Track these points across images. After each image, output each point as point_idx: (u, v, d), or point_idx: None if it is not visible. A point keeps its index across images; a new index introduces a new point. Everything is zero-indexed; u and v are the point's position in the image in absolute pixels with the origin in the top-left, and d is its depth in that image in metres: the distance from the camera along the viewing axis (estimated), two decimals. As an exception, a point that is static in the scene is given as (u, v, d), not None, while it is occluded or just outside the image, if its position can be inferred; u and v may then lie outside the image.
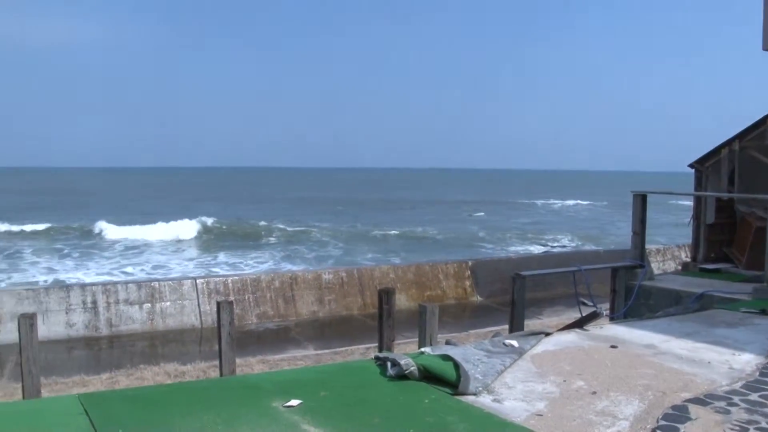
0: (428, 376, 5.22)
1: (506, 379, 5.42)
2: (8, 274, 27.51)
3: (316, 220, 51.37)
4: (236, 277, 17.53)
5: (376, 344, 12.71)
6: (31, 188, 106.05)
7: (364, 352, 13.30)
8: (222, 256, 33.23)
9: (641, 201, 10.95)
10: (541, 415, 4.61)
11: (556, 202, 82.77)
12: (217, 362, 12.48)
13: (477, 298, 19.42)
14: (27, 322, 7.94)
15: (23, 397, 8.28)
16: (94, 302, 15.69)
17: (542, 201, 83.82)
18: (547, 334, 6.91)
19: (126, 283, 16.93)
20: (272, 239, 40.04)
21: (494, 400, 4.89)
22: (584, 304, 10.27)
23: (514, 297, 9.27)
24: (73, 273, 27.79)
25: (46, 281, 25.14)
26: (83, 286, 16.36)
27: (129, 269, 28.88)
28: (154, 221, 44.00)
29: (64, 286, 16.56)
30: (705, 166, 13.42)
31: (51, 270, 28.70)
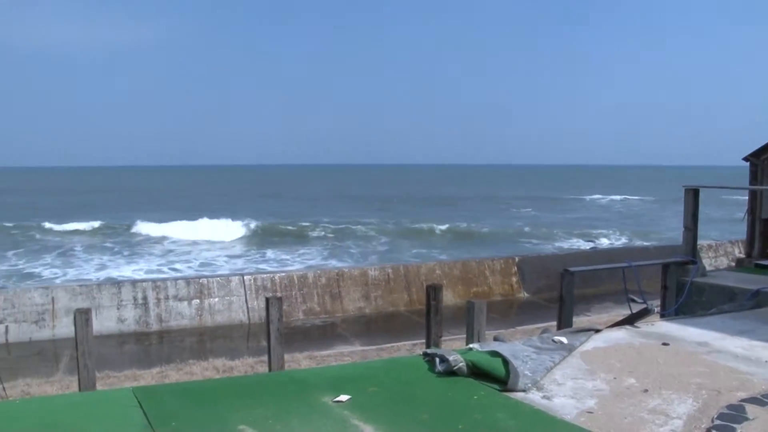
0: (477, 372, 5.19)
1: (555, 375, 5.37)
2: (63, 270, 28.25)
3: (362, 216, 51.52)
4: (283, 274, 17.68)
5: (423, 340, 12.70)
6: (89, 188, 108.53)
7: (410, 348, 13.29)
8: (269, 253, 33.56)
9: (693, 195, 10.70)
10: (592, 413, 4.55)
11: (603, 197, 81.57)
12: (264, 358, 12.63)
13: (524, 295, 19.27)
14: (83, 317, 8.12)
15: (79, 390, 8.48)
16: (145, 298, 15.99)
17: (589, 197, 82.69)
18: (597, 331, 6.82)
19: (175, 279, 17.21)
20: (318, 236, 40.24)
21: (544, 397, 4.84)
22: (634, 300, 10.10)
23: (562, 293, 9.16)
24: (123, 270, 28.37)
25: (98, 278, 25.72)
26: (134, 282, 16.67)
27: (177, 266, 29.34)
28: (202, 218, 44.66)
29: (115, 283, 16.90)
30: (761, 159, 13.06)
31: (102, 267, 29.36)
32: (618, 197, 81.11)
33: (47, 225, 43.61)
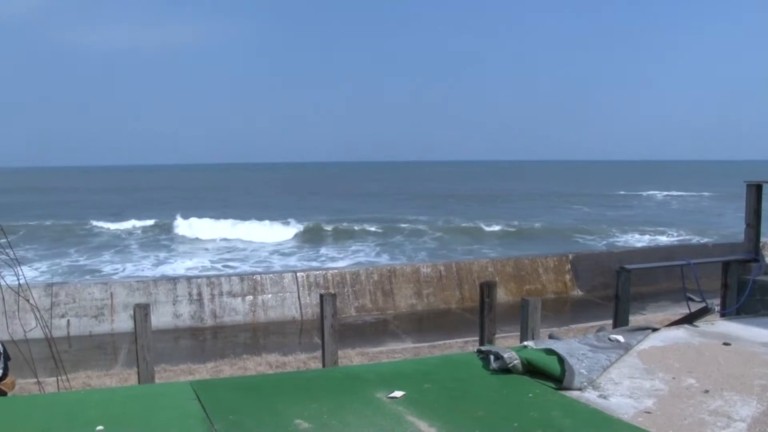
0: (531, 370, 5.14)
1: (612, 374, 5.28)
2: (122, 265, 28.99)
3: (414, 213, 51.52)
4: (335, 271, 17.79)
5: (475, 338, 12.64)
6: (148, 185, 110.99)
7: (462, 345, 13.25)
8: (322, 250, 33.83)
9: (756, 191, 10.41)
10: (650, 413, 4.47)
11: (659, 193, 79.89)
12: (316, 354, 12.74)
13: (577, 293, 19.02)
14: (142, 311, 8.30)
15: (138, 382, 8.68)
16: (199, 294, 16.26)
17: (645, 192, 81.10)
18: (654, 330, 6.68)
19: (229, 276, 17.47)
20: (371, 233, 40.39)
21: (600, 396, 4.77)
22: (692, 299, 9.87)
23: (618, 291, 9.03)
24: (177, 266, 28.94)
25: (154, 274, 26.29)
26: (189, 278, 16.96)
27: (232, 264, 29.77)
28: (256, 215, 45.24)
29: (171, 279, 17.23)
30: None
31: (158, 263, 30.01)
32: (675, 193, 79.38)
33: (105, 222, 44.76)
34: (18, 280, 6.87)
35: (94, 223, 44.70)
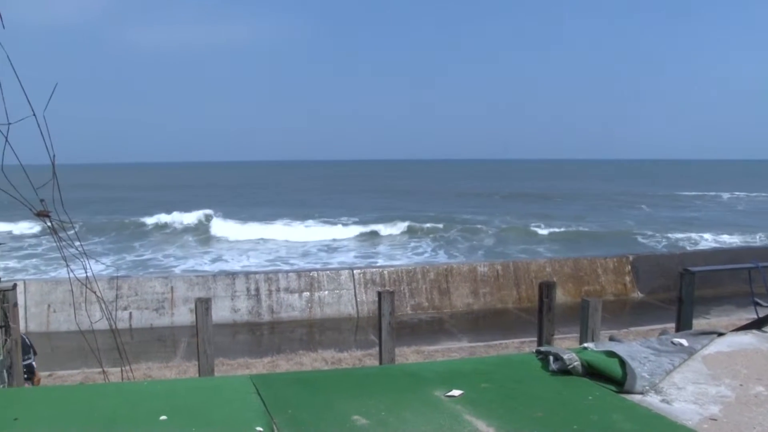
0: (592, 372, 5.05)
1: (675, 379, 5.14)
2: (184, 261, 29.61)
3: (472, 212, 51.23)
4: (392, 269, 17.84)
5: (532, 338, 12.52)
6: (208, 182, 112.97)
7: (518, 346, 13.14)
8: (381, 248, 33.92)
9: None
10: (716, 420, 4.33)
11: (724, 194, 77.63)
12: (372, 351, 12.80)
13: (638, 295, 18.66)
14: (203, 305, 8.46)
15: (199, 375, 8.85)
16: (257, 290, 16.50)
17: (711, 193, 78.93)
18: (720, 334, 6.49)
19: (286, 272, 17.69)
20: (427, 231, 40.33)
21: (662, 401, 4.65)
22: (759, 304, 9.57)
23: (681, 294, 8.81)
24: (234, 263, 29.40)
25: (213, 269, 26.77)
26: (247, 274, 17.22)
27: (292, 261, 30.10)
28: (318, 212, 45.67)
29: (230, 274, 17.52)
30: None
31: (217, 259, 30.53)
32: (742, 194, 77.05)
33: (167, 217, 45.75)
34: (85, 272, 7.07)
35: (158, 218, 45.76)
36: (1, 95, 6.18)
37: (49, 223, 6.71)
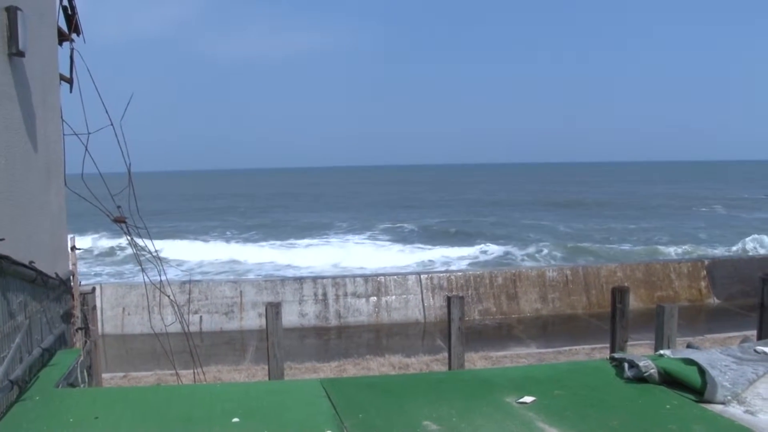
0: (669, 380, 4.89)
1: (759, 389, 4.93)
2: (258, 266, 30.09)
3: (535, 218, 50.65)
4: (459, 273, 17.73)
5: (603, 345, 12.25)
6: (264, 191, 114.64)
7: (589, 352, 12.87)
8: (439, 253, 33.63)
9: None
10: (804, 432, 4.14)
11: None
12: (439, 356, 12.74)
13: (713, 301, 18.05)
14: (273, 310, 8.56)
15: (269, 378, 8.96)
16: (324, 294, 16.61)
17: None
18: (807, 343, 6.21)
19: (354, 277, 17.75)
20: (488, 237, 39.94)
21: (746, 412, 4.46)
22: None
23: (763, 300, 8.47)
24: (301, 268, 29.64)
25: (281, 274, 27.11)
26: (315, 279, 17.36)
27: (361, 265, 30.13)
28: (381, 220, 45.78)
29: (298, 279, 17.69)
30: None
31: (286, 266, 30.88)
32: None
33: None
34: (160, 276, 7.25)
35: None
36: (82, 106, 6.40)
37: (125, 229, 6.90)
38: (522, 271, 17.83)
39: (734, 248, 33.69)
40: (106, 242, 36.99)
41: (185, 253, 32.97)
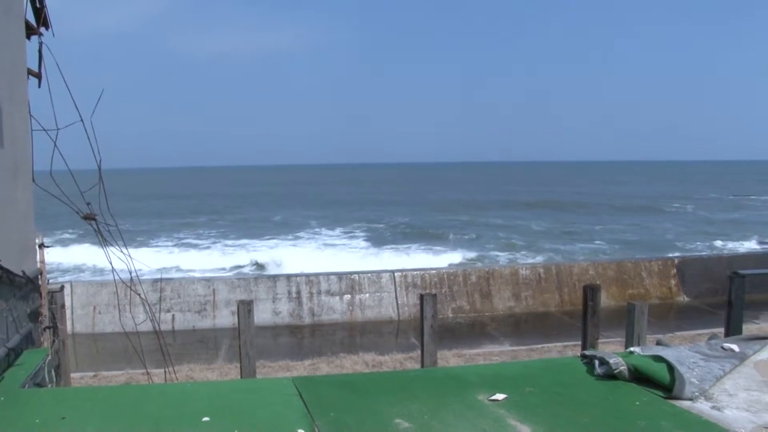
0: (638, 377, 4.94)
1: (726, 385, 5.00)
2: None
3: (510, 217, 50.92)
4: (433, 271, 17.75)
5: (575, 342, 12.34)
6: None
7: (561, 350, 12.96)
8: (413, 250, 33.76)
9: None
10: (770, 428, 4.20)
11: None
12: (413, 354, 12.74)
13: (683, 298, 18.27)
14: (245, 307, 8.50)
15: (241, 377, 8.90)
16: (298, 292, 16.55)
17: (763, 197, 77.05)
18: (773, 339, 6.30)
19: (328, 275, 17.69)
20: (464, 237, 40.07)
21: (713, 408, 4.52)
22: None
23: (731, 298, 8.60)
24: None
25: (254, 272, 26.99)
26: (288, 277, 17.29)
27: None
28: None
29: (271, 277, 17.61)
30: None
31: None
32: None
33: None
34: (131, 275, 7.16)
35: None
36: (51, 101, 6.30)
37: (95, 227, 6.81)
38: (495, 269, 17.91)
39: (702, 246, 34.18)
40: (75, 240, 36.53)
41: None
